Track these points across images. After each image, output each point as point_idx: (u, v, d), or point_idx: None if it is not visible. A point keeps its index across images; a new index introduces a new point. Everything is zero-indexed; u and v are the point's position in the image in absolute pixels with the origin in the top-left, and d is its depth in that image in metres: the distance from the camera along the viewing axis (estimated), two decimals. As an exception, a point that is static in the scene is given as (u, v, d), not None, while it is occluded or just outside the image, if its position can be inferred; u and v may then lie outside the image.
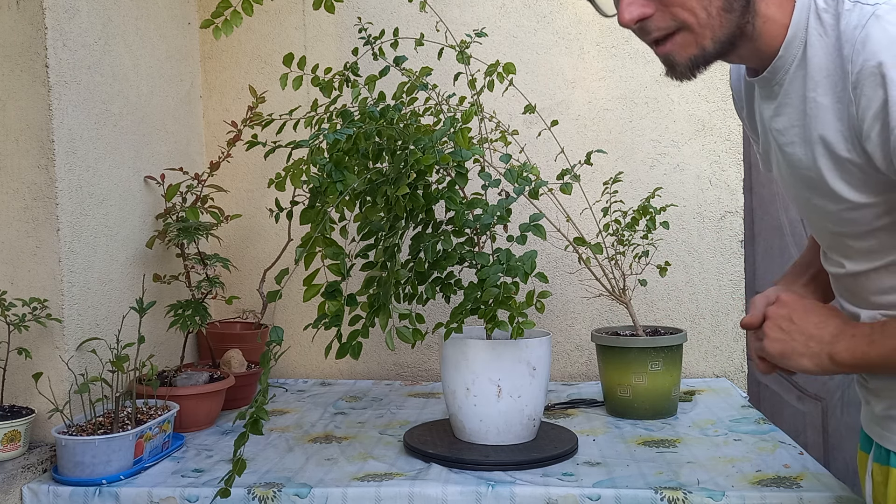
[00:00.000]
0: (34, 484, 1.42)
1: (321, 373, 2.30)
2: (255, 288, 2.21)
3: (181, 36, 2.13)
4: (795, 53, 0.99)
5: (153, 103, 1.94)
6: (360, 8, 2.23)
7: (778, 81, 1.02)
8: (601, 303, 2.18)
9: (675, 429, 1.70)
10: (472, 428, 1.53)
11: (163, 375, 1.77)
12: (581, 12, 2.19)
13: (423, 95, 1.69)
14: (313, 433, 1.71)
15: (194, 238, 1.81)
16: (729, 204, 2.17)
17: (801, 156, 1.02)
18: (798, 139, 1.01)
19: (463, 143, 1.50)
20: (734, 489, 1.32)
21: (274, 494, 1.35)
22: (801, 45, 0.98)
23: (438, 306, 2.05)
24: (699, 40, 1.00)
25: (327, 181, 1.35)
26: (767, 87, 1.05)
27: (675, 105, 2.18)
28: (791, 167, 1.05)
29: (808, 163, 1.01)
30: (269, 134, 1.98)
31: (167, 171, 1.94)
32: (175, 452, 1.59)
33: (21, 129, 1.52)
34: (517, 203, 1.57)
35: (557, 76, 2.20)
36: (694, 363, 2.18)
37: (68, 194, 1.57)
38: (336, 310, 1.33)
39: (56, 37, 1.54)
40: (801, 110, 1.00)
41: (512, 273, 1.41)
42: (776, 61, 1.01)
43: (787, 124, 1.03)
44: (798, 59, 0.99)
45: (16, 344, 1.50)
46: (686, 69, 1.04)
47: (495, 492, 1.34)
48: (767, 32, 1.00)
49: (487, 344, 1.51)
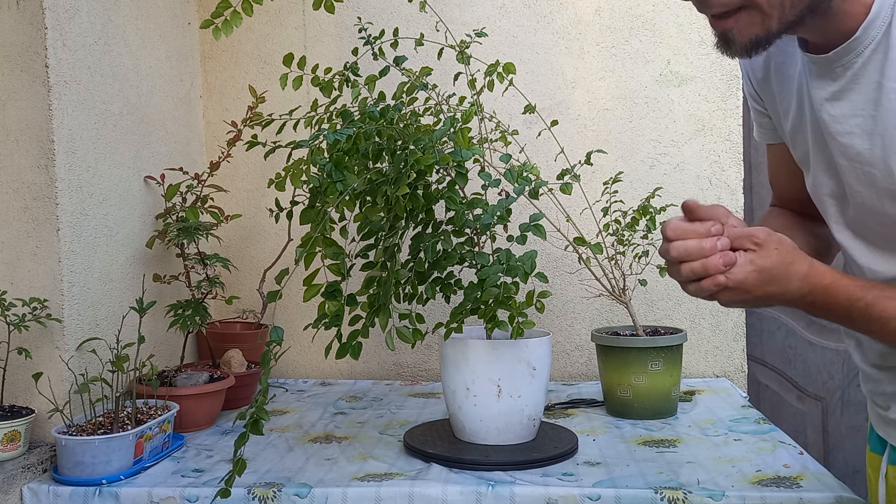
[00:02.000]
0: (34, 484, 1.42)
1: (321, 373, 2.30)
2: (255, 288, 2.21)
3: (181, 36, 2.13)
4: (875, 35, 0.89)
5: (153, 103, 1.94)
6: (360, 8, 2.23)
7: (845, 64, 0.92)
8: (601, 303, 2.18)
9: (675, 429, 1.70)
10: (472, 428, 1.53)
11: (163, 375, 1.77)
12: (581, 12, 2.19)
13: (423, 95, 1.69)
14: (313, 433, 1.71)
15: (194, 238, 1.81)
16: (729, 204, 2.17)
17: (862, 149, 0.93)
18: (861, 131, 0.92)
19: (463, 143, 1.50)
20: (734, 489, 1.32)
21: (274, 494, 1.35)
22: (884, 27, 0.89)
23: (438, 306, 2.05)
24: (765, 21, 0.89)
25: (327, 181, 1.35)
26: (828, 67, 0.95)
27: (675, 105, 2.18)
28: (847, 158, 0.96)
29: (873, 158, 0.92)
30: (269, 134, 1.98)
31: (167, 171, 1.94)
32: (175, 452, 1.59)
33: (21, 129, 1.53)
34: (517, 203, 1.57)
35: (557, 76, 2.20)
36: (694, 363, 2.19)
37: (68, 194, 1.57)
38: (336, 310, 1.33)
39: (56, 37, 1.54)
40: (874, 100, 0.90)
41: (512, 273, 1.41)
42: (850, 42, 0.91)
43: (848, 112, 0.93)
44: (877, 41, 0.89)
45: (16, 344, 1.50)
46: (744, 49, 0.93)
47: (495, 492, 1.34)
48: (845, 10, 0.90)
49: (487, 344, 1.51)
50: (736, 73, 2.16)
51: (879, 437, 1.12)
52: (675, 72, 2.18)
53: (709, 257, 0.94)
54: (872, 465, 1.14)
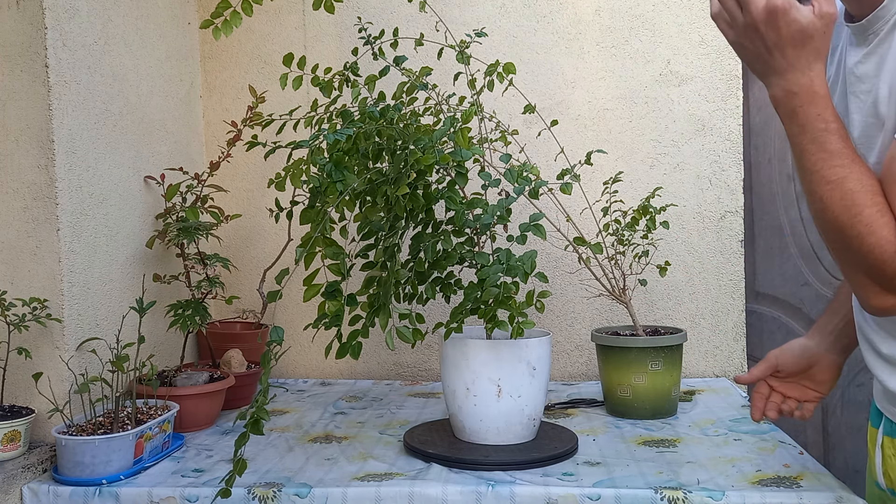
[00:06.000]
0: (34, 484, 1.42)
1: (321, 373, 2.30)
2: (255, 288, 2.21)
3: (181, 36, 2.13)
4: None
5: (153, 103, 1.94)
6: (360, 8, 2.23)
7: (876, 31, 1.00)
8: (601, 303, 2.18)
9: (675, 429, 1.70)
10: (472, 428, 1.53)
11: (163, 375, 1.77)
12: (581, 12, 2.19)
13: (423, 95, 1.69)
14: (313, 433, 1.72)
15: (194, 238, 1.81)
16: (729, 204, 2.17)
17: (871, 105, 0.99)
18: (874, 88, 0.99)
19: (463, 143, 1.50)
20: (734, 489, 1.32)
21: (274, 494, 1.35)
22: None
23: (438, 306, 2.05)
24: None
25: (327, 181, 1.35)
26: (862, 35, 1.02)
27: (675, 105, 2.18)
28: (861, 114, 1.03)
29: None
30: (269, 134, 1.99)
31: (167, 171, 1.94)
32: (175, 452, 1.59)
33: (21, 129, 1.53)
34: (517, 203, 1.57)
35: (557, 76, 2.20)
36: (694, 363, 2.19)
37: (68, 194, 1.57)
38: (336, 310, 1.33)
39: (56, 37, 1.54)
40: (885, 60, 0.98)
41: (512, 273, 1.41)
42: (879, 10, 0.99)
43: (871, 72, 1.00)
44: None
45: (16, 344, 1.50)
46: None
47: (495, 492, 1.34)
48: None
49: (487, 344, 1.51)
50: (736, 73, 2.16)
51: (878, 409, 1.13)
52: (675, 72, 2.18)
53: None
54: (871, 439, 1.16)
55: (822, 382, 1.32)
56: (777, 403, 1.32)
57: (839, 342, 1.31)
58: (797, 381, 1.33)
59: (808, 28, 0.93)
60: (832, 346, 1.31)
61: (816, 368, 1.31)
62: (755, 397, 1.34)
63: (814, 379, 1.32)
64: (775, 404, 1.32)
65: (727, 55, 2.16)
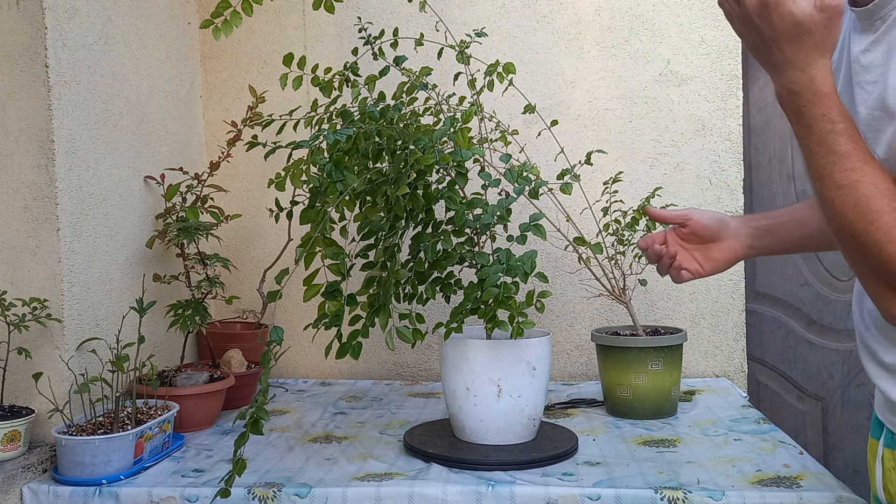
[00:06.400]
0: (34, 484, 1.42)
1: (321, 373, 2.30)
2: (255, 288, 2.21)
3: (181, 36, 2.13)
4: None
5: (153, 103, 1.94)
6: (360, 8, 2.23)
7: (883, 16, 0.94)
8: (601, 303, 2.18)
9: (675, 429, 1.70)
10: (472, 428, 1.53)
11: (163, 375, 1.77)
12: (581, 12, 2.19)
13: (423, 95, 1.69)
14: (313, 433, 1.72)
15: (194, 238, 1.81)
16: (729, 204, 2.17)
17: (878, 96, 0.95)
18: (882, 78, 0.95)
19: (463, 143, 1.50)
20: (734, 489, 1.32)
21: (274, 494, 1.35)
22: None
23: (438, 306, 2.05)
24: None
25: (327, 181, 1.35)
26: (868, 20, 0.97)
27: (675, 105, 2.18)
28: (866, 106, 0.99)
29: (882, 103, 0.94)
30: (269, 134, 1.99)
31: (167, 171, 1.94)
32: (175, 452, 1.59)
33: (21, 129, 1.53)
34: (517, 203, 1.57)
35: (557, 76, 2.20)
36: (694, 363, 2.19)
37: (68, 194, 1.57)
38: (336, 310, 1.33)
39: (56, 37, 1.54)
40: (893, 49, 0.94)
41: (512, 273, 1.41)
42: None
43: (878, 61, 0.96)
44: None
45: (16, 344, 1.50)
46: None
47: (495, 492, 1.34)
48: None
49: (487, 344, 1.51)
50: (736, 73, 2.16)
51: (879, 420, 1.12)
52: (675, 72, 2.18)
53: None
54: (871, 450, 1.15)
55: (713, 260, 1.33)
56: (661, 248, 1.34)
57: (753, 237, 1.31)
58: (694, 247, 1.34)
59: (805, 22, 0.87)
60: (745, 236, 1.32)
61: (717, 245, 1.32)
62: (653, 234, 1.37)
63: (708, 254, 1.33)
64: (660, 247, 1.34)
65: (727, 55, 2.16)
